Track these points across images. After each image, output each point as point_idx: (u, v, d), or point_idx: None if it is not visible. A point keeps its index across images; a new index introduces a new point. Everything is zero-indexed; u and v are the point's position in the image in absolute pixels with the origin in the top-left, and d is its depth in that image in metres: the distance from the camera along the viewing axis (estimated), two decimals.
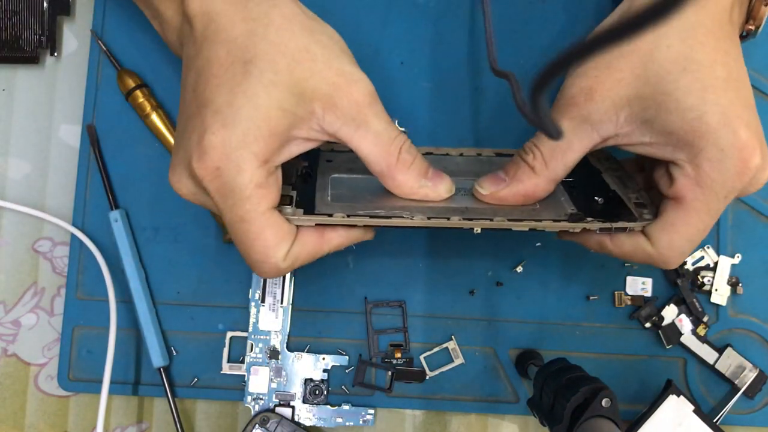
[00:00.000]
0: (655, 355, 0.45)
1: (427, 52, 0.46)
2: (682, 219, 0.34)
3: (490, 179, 0.36)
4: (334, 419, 0.43)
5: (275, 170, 0.33)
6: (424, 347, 0.44)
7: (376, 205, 0.35)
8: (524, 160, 0.35)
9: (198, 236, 0.44)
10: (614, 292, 0.45)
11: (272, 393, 0.43)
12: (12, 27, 0.45)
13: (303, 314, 0.44)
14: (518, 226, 0.34)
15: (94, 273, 0.44)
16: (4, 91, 0.46)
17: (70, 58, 0.46)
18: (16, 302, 0.45)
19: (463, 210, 0.35)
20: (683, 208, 0.34)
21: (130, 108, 0.44)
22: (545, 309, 0.45)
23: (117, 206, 0.44)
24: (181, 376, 0.44)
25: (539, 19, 0.46)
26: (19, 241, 0.45)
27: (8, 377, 0.45)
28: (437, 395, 0.44)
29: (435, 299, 0.44)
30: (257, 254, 0.33)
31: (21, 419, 0.44)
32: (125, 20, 0.45)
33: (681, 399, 0.40)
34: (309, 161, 0.38)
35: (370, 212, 0.34)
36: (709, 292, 0.44)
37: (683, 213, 0.34)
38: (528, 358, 0.43)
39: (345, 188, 0.37)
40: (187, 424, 0.44)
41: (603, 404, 0.35)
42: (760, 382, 0.44)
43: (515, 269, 0.44)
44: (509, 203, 0.36)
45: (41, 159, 0.46)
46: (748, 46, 0.44)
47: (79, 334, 0.44)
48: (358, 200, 0.36)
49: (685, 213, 0.34)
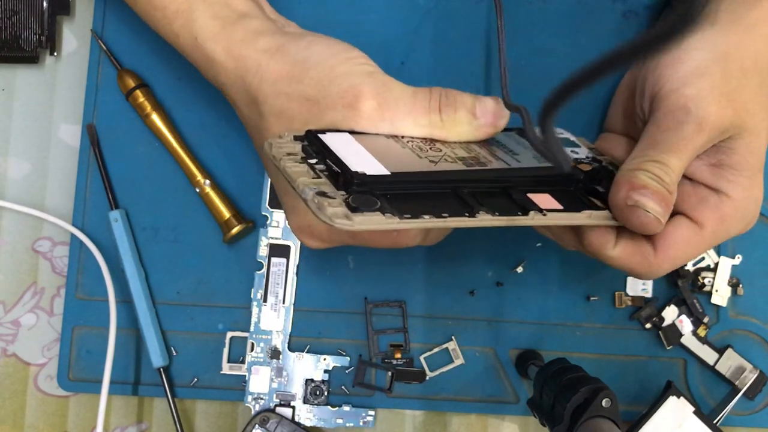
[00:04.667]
0: (655, 355, 0.45)
1: (427, 52, 0.46)
2: (695, 241, 0.34)
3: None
4: (335, 420, 0.43)
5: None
6: (424, 348, 0.44)
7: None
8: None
9: (198, 236, 0.44)
10: (615, 292, 0.45)
11: (273, 393, 0.43)
12: (12, 27, 0.45)
13: (303, 314, 0.44)
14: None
15: (94, 273, 0.43)
16: (3, 90, 0.46)
17: (70, 57, 0.46)
18: (16, 302, 0.45)
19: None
20: (701, 233, 0.34)
21: (130, 108, 0.44)
22: (545, 309, 0.44)
23: (117, 206, 0.44)
24: (180, 376, 0.44)
25: (539, 19, 0.46)
26: (19, 241, 0.45)
27: (8, 377, 0.45)
28: (437, 396, 0.44)
29: (435, 299, 0.44)
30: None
31: (20, 419, 0.44)
32: (125, 20, 0.45)
33: (681, 400, 0.40)
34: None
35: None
36: (710, 293, 0.44)
37: (699, 237, 0.34)
38: (528, 358, 0.43)
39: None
40: (187, 424, 0.44)
41: (603, 404, 0.35)
42: (760, 383, 0.44)
43: (515, 269, 0.44)
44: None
45: (41, 159, 0.46)
46: None
47: (78, 334, 0.44)
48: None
49: (701, 238, 0.34)
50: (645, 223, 0.32)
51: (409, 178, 0.30)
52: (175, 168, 0.44)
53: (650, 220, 0.32)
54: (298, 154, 0.31)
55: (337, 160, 0.30)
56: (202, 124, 0.45)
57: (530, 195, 0.32)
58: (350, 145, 0.32)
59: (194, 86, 0.45)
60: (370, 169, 0.30)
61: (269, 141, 0.32)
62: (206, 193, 0.44)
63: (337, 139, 0.32)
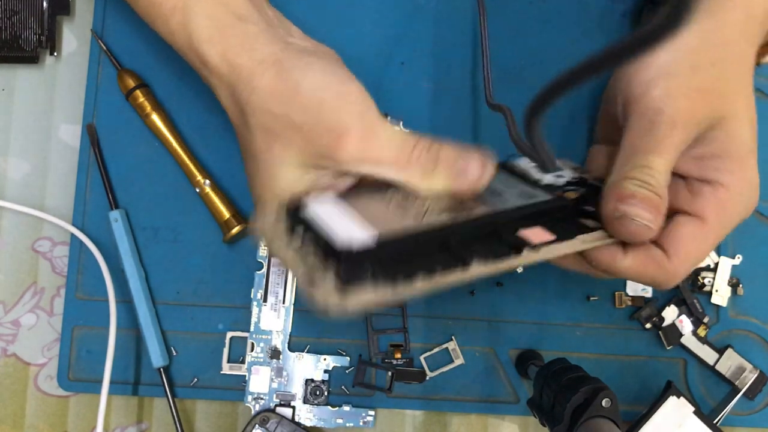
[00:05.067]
0: (655, 355, 0.45)
1: (427, 52, 0.46)
2: (702, 235, 0.34)
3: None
4: (335, 420, 0.43)
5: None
6: (424, 347, 0.44)
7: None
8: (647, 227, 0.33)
9: (198, 236, 0.44)
10: (615, 292, 0.45)
11: (273, 393, 0.43)
12: (12, 27, 0.45)
13: (303, 314, 0.44)
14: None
15: (94, 273, 0.43)
16: (3, 90, 0.46)
17: (70, 57, 0.46)
18: (16, 302, 0.45)
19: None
20: (706, 226, 0.34)
21: (130, 108, 0.44)
22: (545, 309, 0.44)
23: (117, 206, 0.44)
24: (180, 376, 0.44)
25: (539, 19, 0.46)
26: (19, 241, 0.45)
27: (8, 377, 0.45)
28: (437, 396, 0.44)
29: (435, 299, 0.44)
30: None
31: (20, 419, 0.44)
32: (125, 20, 0.45)
33: (681, 400, 0.40)
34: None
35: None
36: (710, 293, 0.44)
37: (705, 231, 0.34)
38: (528, 358, 0.43)
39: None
40: (187, 424, 0.44)
41: (603, 404, 0.35)
42: (760, 383, 0.44)
43: (515, 269, 0.44)
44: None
45: (41, 159, 0.46)
46: None
47: (78, 334, 0.44)
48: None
49: (707, 230, 0.34)
50: (634, 231, 0.32)
51: (396, 238, 0.29)
52: (175, 168, 0.44)
53: (639, 228, 0.32)
54: (284, 232, 0.31)
55: (321, 235, 0.29)
56: (202, 124, 0.45)
57: (521, 231, 0.32)
58: (334, 210, 0.31)
59: (194, 86, 0.45)
60: (356, 236, 0.29)
61: (256, 223, 0.32)
62: (206, 193, 0.44)
63: (321, 207, 0.32)
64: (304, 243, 0.30)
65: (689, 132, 0.34)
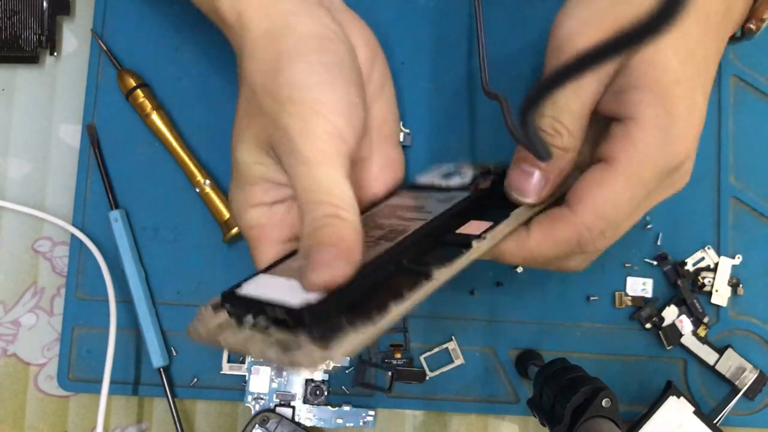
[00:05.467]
0: (655, 355, 0.45)
1: (427, 52, 0.46)
2: (610, 180, 0.30)
3: (527, 183, 0.32)
4: (335, 420, 0.43)
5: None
6: (424, 347, 0.44)
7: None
8: (554, 145, 0.31)
9: (198, 236, 0.44)
10: (615, 292, 0.45)
11: (273, 393, 0.43)
12: (12, 27, 0.45)
13: None
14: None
15: (94, 273, 0.43)
16: (3, 90, 0.46)
17: (70, 57, 0.46)
18: (16, 302, 0.45)
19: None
20: (612, 168, 0.30)
21: (130, 108, 0.44)
22: (545, 309, 0.44)
23: (117, 206, 0.44)
24: (180, 376, 0.44)
25: (539, 19, 0.46)
26: (19, 241, 0.45)
27: (8, 377, 0.45)
28: (437, 396, 0.44)
29: (435, 299, 0.44)
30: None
31: (20, 419, 0.44)
32: (125, 20, 0.45)
33: (681, 400, 0.40)
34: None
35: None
36: (710, 293, 0.44)
37: (612, 173, 0.30)
38: (528, 358, 0.43)
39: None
40: (187, 424, 0.44)
41: (603, 404, 0.35)
42: (760, 383, 0.44)
43: (515, 269, 0.44)
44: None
45: (41, 159, 0.46)
46: (747, 46, 0.44)
47: (78, 334, 0.44)
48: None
49: (616, 175, 0.30)
50: (522, 178, 0.32)
51: (350, 282, 0.28)
52: (175, 168, 0.44)
53: (523, 173, 0.32)
54: (228, 322, 0.30)
55: (273, 306, 0.28)
56: (202, 124, 0.45)
57: (460, 230, 0.32)
58: (272, 283, 0.30)
59: (194, 86, 0.45)
60: (307, 296, 0.28)
61: (193, 324, 0.30)
62: (206, 193, 0.44)
63: (257, 286, 0.30)
64: (257, 322, 0.29)
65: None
